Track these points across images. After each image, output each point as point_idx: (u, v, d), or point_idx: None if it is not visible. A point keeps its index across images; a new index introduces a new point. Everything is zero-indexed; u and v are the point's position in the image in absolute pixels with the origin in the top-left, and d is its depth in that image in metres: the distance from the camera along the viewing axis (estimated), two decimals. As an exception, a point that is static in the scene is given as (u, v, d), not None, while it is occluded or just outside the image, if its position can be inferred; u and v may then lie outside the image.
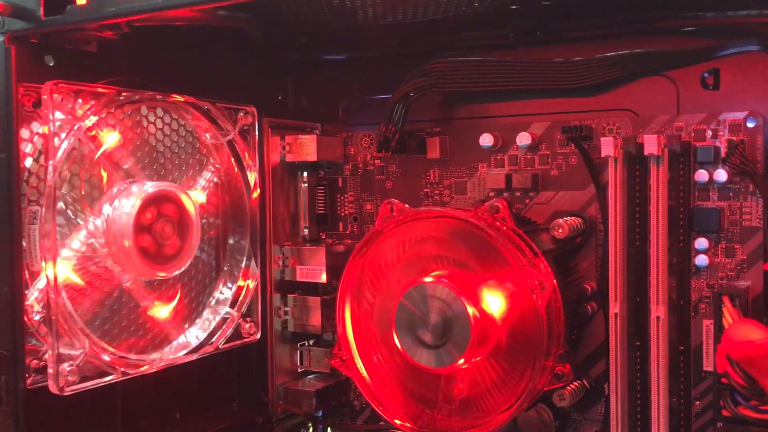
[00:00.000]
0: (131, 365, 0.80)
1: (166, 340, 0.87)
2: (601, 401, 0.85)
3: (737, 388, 0.70)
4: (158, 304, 0.86)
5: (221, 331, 0.90)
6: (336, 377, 1.02)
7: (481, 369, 0.78)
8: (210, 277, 0.91)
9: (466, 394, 0.79)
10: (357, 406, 1.02)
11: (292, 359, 1.02)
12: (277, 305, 0.99)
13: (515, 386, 0.75)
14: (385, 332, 0.81)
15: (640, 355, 0.81)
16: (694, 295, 0.79)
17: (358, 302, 0.84)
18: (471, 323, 0.73)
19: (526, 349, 0.74)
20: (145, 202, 0.80)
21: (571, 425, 0.87)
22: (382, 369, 0.83)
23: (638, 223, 0.80)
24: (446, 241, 0.77)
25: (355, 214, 1.01)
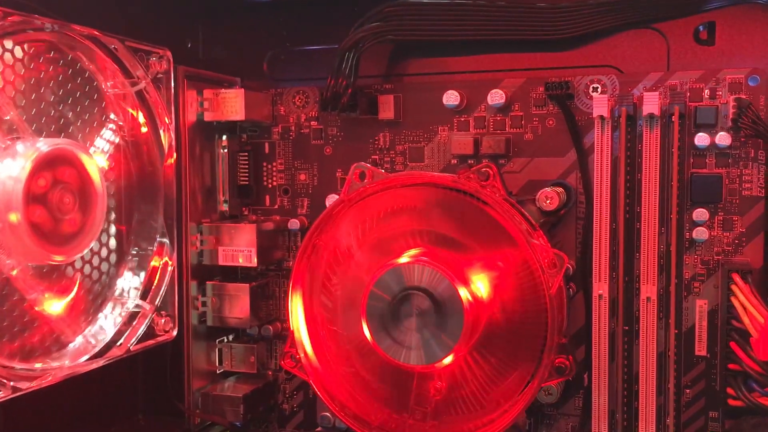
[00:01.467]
0: (21, 377, 0.61)
1: (57, 343, 0.68)
2: (578, 394, 0.76)
3: (755, 376, 0.63)
4: (50, 297, 0.67)
5: (131, 330, 0.73)
6: (263, 379, 0.86)
7: (464, 364, 0.66)
8: (114, 260, 0.73)
9: (444, 395, 0.67)
10: (287, 410, 0.87)
11: (209, 359, 0.86)
12: (194, 295, 0.82)
13: (509, 384, 0.64)
14: (349, 325, 0.67)
15: (627, 341, 0.73)
16: (687, 272, 0.72)
17: (313, 291, 0.69)
18: (464, 310, 0.61)
19: (526, 340, 0.63)
20: (37, 164, 0.61)
21: (545, 421, 0.77)
22: (342, 369, 0.69)
23: (627, 193, 0.71)
24: (427, 214, 0.65)
25: (285, 185, 0.86)
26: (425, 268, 0.62)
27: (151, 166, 0.76)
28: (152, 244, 0.74)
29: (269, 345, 0.87)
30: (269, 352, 0.87)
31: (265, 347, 0.87)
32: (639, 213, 0.71)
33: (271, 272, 0.86)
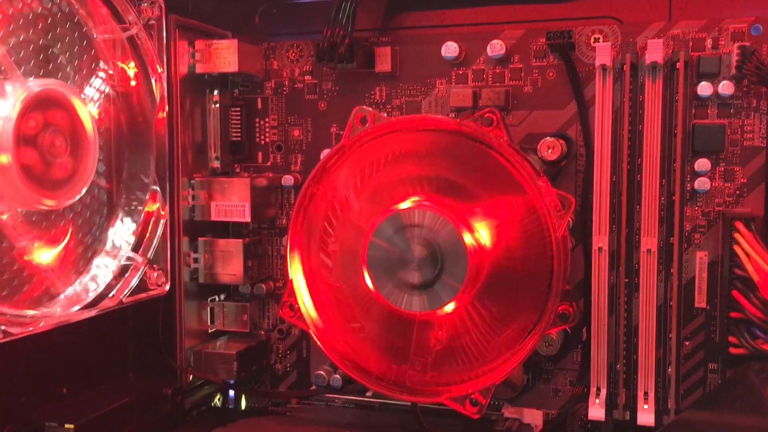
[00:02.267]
0: (12, 323, 0.59)
1: (47, 294, 0.66)
2: (577, 348, 0.76)
3: (758, 323, 0.63)
4: (40, 247, 0.65)
5: (123, 282, 0.70)
6: (255, 338, 0.85)
7: (465, 314, 0.65)
8: (105, 211, 0.71)
9: (444, 344, 0.66)
10: (279, 370, 0.86)
11: (201, 318, 0.84)
12: (186, 251, 0.80)
13: (511, 334, 0.63)
14: (349, 277, 0.66)
15: (627, 293, 0.72)
16: (688, 224, 0.71)
17: (311, 243, 0.68)
18: (468, 254, 0.60)
19: (530, 288, 0.62)
20: (27, 104, 0.59)
21: (543, 376, 0.77)
22: (342, 322, 0.68)
23: (628, 143, 0.71)
24: (430, 159, 0.63)
25: (278, 141, 0.84)
26: (427, 212, 0.60)
27: (142, 117, 0.74)
28: (145, 194, 0.72)
29: (262, 304, 0.86)
30: (262, 311, 0.86)
31: (258, 306, 0.86)
32: (640, 164, 0.71)
33: (264, 230, 0.85)
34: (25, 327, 0.59)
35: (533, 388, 0.77)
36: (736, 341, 0.65)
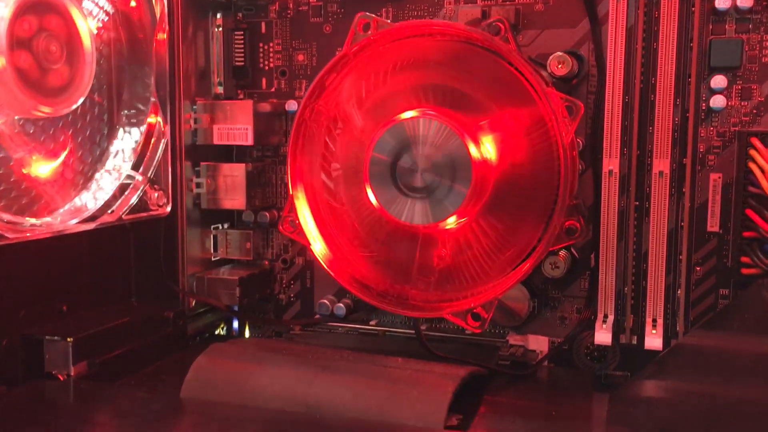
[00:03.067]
0: (8, 228, 0.58)
1: (46, 208, 0.65)
2: (584, 275, 0.74)
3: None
4: (38, 160, 0.64)
5: (123, 199, 0.70)
6: (258, 266, 0.84)
7: (468, 231, 0.63)
8: (105, 129, 0.70)
9: (447, 262, 0.64)
10: (283, 300, 0.85)
11: (204, 245, 0.83)
12: (188, 176, 0.79)
13: (516, 251, 0.62)
14: (351, 194, 0.64)
15: (637, 217, 0.70)
16: (702, 145, 0.69)
17: (312, 161, 0.66)
18: (472, 164, 0.58)
19: (535, 204, 0.60)
20: (20, 6, 0.57)
21: (550, 304, 0.76)
22: (344, 236, 0.66)
23: (642, 62, 0.68)
24: (435, 67, 0.61)
25: (282, 66, 0.82)
26: (432, 121, 0.59)
27: (143, 34, 0.72)
28: (145, 107, 0.70)
29: (265, 234, 0.85)
30: (265, 241, 0.85)
31: (261, 236, 0.85)
32: (653, 84, 0.68)
33: (268, 158, 0.83)
34: (22, 233, 0.58)
35: (539, 316, 0.75)
36: (749, 261, 0.63)
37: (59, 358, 0.63)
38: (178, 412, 0.56)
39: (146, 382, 0.65)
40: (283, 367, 0.58)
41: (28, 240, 0.64)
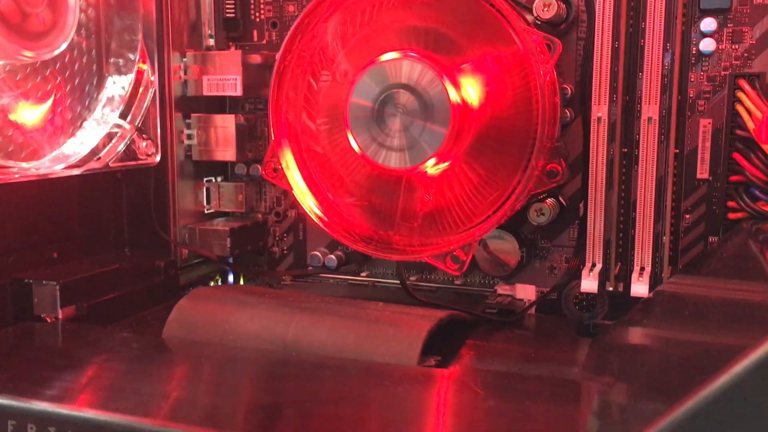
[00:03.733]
0: (-10, 171, 0.59)
1: (34, 155, 0.66)
2: (573, 225, 0.74)
3: (758, 184, 0.60)
4: (24, 106, 0.64)
5: (111, 147, 0.70)
6: (251, 218, 0.85)
7: (451, 176, 0.63)
8: (93, 77, 0.70)
9: (430, 207, 0.64)
10: (276, 253, 0.85)
11: (197, 198, 0.84)
12: (179, 128, 0.80)
13: (498, 196, 0.61)
14: (334, 132, 0.64)
15: (625, 164, 0.69)
16: (692, 90, 0.68)
17: (296, 102, 0.66)
18: (451, 108, 0.57)
19: (517, 147, 0.60)
20: (0, -51, 0.57)
21: (539, 254, 0.75)
22: (328, 182, 0.66)
23: (631, 5, 0.67)
24: (420, 9, 0.61)
25: (273, 18, 0.82)
26: (413, 64, 0.58)
27: (130, -16, 0.72)
28: (134, 54, 0.71)
29: (258, 187, 0.85)
30: (258, 194, 0.85)
31: (254, 189, 0.85)
32: (643, 29, 0.67)
33: (260, 110, 0.84)
34: (10, 176, 0.59)
35: (528, 266, 0.75)
36: (735, 205, 0.62)
37: (47, 302, 0.65)
38: (158, 351, 0.57)
39: (133, 326, 0.66)
40: (263, 308, 0.59)
41: (17, 186, 0.65)
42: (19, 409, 0.45)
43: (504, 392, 0.48)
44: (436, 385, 0.49)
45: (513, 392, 0.48)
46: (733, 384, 0.31)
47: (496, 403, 0.46)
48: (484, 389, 0.48)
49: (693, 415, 0.32)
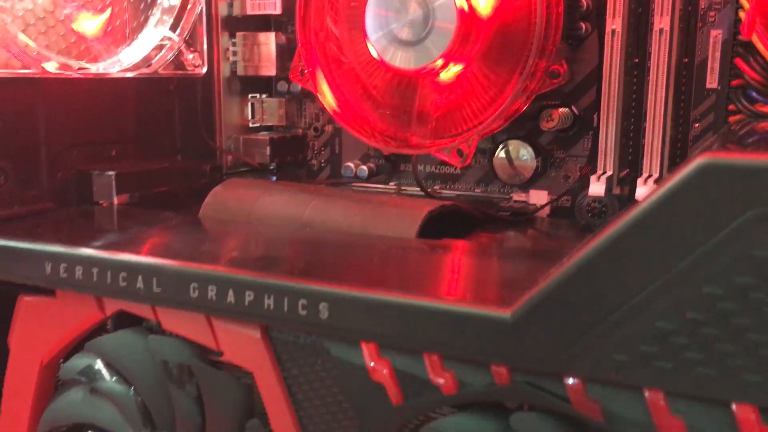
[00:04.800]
0: (62, 67, 0.67)
1: (94, 61, 0.74)
2: (588, 135, 0.77)
3: (756, 86, 0.63)
4: (85, 15, 0.73)
5: (160, 56, 0.78)
6: (292, 131, 0.92)
7: (462, 80, 0.68)
8: None
9: (444, 110, 0.69)
10: (315, 165, 0.92)
11: (242, 113, 0.91)
12: (225, 46, 0.87)
13: (504, 98, 0.66)
14: (355, 38, 0.70)
15: (637, 75, 0.72)
16: (703, 2, 0.70)
17: (321, 9, 0.72)
18: (456, 13, 0.62)
19: (518, 45, 0.64)
20: None
21: (554, 164, 0.79)
22: (351, 85, 0.72)
23: None
24: None
25: (313, -57, 0.88)
26: (423, -30, 0.63)
27: None
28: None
29: (299, 103, 0.92)
30: (299, 111, 0.92)
31: (295, 105, 0.92)
32: (654, -68, 0.69)
33: (301, 31, 0.90)
34: (73, 71, 0.68)
35: (544, 176, 0.79)
36: (734, 108, 0.65)
37: (105, 190, 0.73)
38: (193, 225, 0.65)
39: (176, 210, 0.74)
40: (285, 194, 0.66)
41: (81, 87, 0.74)
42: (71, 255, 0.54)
43: (487, 254, 0.54)
44: (429, 249, 0.56)
45: (496, 254, 0.54)
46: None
47: (477, 260, 0.52)
48: (467, 253, 0.54)
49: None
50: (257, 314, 0.47)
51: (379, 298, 0.44)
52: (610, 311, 0.38)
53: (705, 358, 0.36)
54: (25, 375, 0.59)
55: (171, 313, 0.52)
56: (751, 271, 0.35)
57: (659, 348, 0.37)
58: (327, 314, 0.45)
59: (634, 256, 0.37)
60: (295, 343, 0.48)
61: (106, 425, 0.56)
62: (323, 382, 0.48)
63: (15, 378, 0.59)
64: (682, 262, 0.36)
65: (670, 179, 0.36)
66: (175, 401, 0.53)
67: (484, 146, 0.81)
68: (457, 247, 0.57)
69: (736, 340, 0.36)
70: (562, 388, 0.40)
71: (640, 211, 0.37)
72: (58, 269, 0.54)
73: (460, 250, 0.56)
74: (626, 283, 0.37)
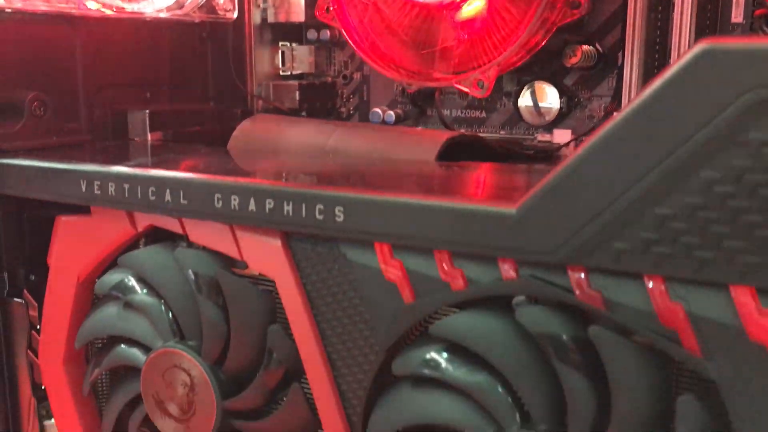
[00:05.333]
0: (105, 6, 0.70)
1: (128, 1, 0.77)
2: (612, 74, 0.78)
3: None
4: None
5: (192, 1, 0.81)
6: (322, 78, 0.94)
7: (485, 15, 0.69)
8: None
9: (466, 46, 0.71)
10: (344, 113, 0.94)
11: (273, 61, 0.93)
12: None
13: (522, 24, 0.67)
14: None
15: (661, 11, 0.72)
16: (729, -66, 0.70)
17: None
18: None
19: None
20: None
21: (578, 105, 0.80)
22: (375, 22, 0.74)
23: None
24: None
25: None
26: None
27: None
28: None
29: (328, 51, 0.94)
30: (328, 59, 0.94)
31: (324, 53, 0.94)
32: None
33: (331, -20, 0.91)
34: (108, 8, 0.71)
35: (569, 116, 0.80)
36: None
37: (139, 127, 0.76)
38: (221, 154, 0.67)
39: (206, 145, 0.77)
40: (310, 125, 0.68)
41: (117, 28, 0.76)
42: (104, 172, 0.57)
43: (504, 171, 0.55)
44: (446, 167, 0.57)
45: (512, 172, 0.55)
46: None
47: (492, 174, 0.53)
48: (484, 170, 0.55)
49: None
50: (277, 221, 0.50)
51: (391, 199, 0.46)
52: (611, 201, 0.39)
53: (703, 241, 0.37)
54: (64, 292, 0.62)
55: (197, 226, 0.55)
56: (747, 154, 0.36)
57: (658, 234, 0.38)
58: (342, 217, 0.47)
59: (634, 145, 0.38)
60: (313, 249, 0.50)
61: (139, 337, 0.59)
62: (340, 287, 0.50)
63: (54, 295, 0.63)
64: (681, 148, 0.37)
65: (671, 67, 0.37)
66: (202, 311, 0.55)
67: (509, 89, 0.82)
68: (475, 166, 0.58)
69: (734, 222, 0.36)
70: (566, 280, 0.42)
71: (641, 100, 0.38)
72: (93, 186, 0.57)
73: (477, 168, 0.57)
74: (625, 171, 0.38)
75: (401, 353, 0.48)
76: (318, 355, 0.51)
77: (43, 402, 0.68)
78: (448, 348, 0.46)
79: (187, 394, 0.56)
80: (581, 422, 0.42)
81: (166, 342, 0.57)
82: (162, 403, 0.58)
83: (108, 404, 0.64)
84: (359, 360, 0.50)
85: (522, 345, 0.44)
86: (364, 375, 0.50)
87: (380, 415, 0.50)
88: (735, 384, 0.38)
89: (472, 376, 0.45)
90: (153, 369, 0.57)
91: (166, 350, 0.57)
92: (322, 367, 0.51)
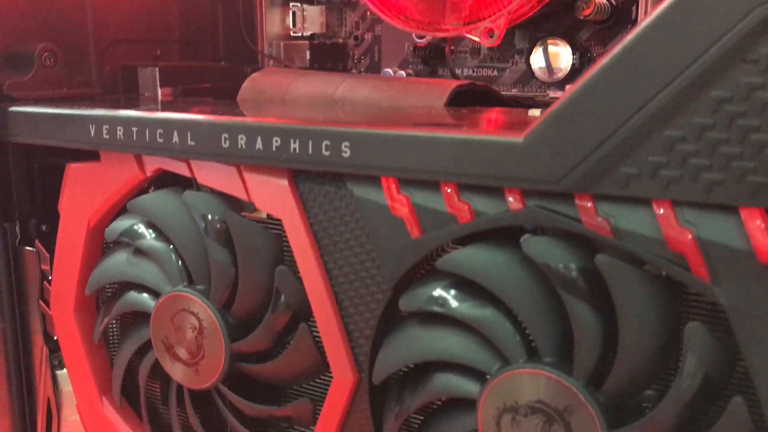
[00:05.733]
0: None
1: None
2: (626, 29, 0.77)
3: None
4: None
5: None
6: (333, 39, 0.93)
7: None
8: None
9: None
10: (355, 74, 0.94)
11: (284, 22, 0.93)
12: (267, -49, 0.89)
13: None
14: None
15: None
16: None
17: None
18: None
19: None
20: None
21: (591, 62, 0.79)
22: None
23: None
24: None
25: None
26: None
27: None
28: None
29: (339, 13, 0.93)
30: (339, 20, 0.93)
31: (336, 15, 0.93)
32: None
33: (342, -60, 0.91)
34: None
35: (581, 73, 0.79)
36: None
37: (149, 82, 0.77)
38: (233, 105, 0.67)
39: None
40: (318, 77, 0.68)
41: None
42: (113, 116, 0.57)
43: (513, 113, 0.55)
44: (455, 111, 0.57)
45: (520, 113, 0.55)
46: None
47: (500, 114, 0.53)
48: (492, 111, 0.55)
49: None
50: (284, 159, 0.49)
51: (397, 133, 0.45)
52: (619, 125, 0.39)
53: (712, 163, 0.37)
54: (74, 239, 0.62)
55: (205, 168, 0.55)
56: (758, 71, 0.35)
57: (667, 157, 0.38)
58: (349, 153, 0.47)
59: (640, 66, 0.38)
60: (320, 188, 0.50)
61: (148, 283, 0.59)
62: (347, 225, 0.50)
63: (65, 242, 0.63)
64: (690, 68, 0.36)
65: (678, -12, 0.37)
66: (211, 254, 0.55)
67: (520, 46, 0.81)
68: (483, 110, 0.58)
69: (742, 142, 0.36)
70: (574, 209, 0.41)
71: (647, 23, 0.37)
72: (101, 131, 0.57)
73: (485, 111, 0.57)
74: (633, 94, 0.38)
75: (408, 290, 0.48)
76: (325, 294, 0.51)
77: (55, 352, 0.69)
78: (455, 284, 0.46)
79: (196, 338, 0.57)
80: (588, 354, 0.42)
81: (175, 287, 0.57)
82: (171, 348, 0.58)
83: (118, 352, 0.64)
84: (366, 299, 0.50)
85: (529, 277, 0.44)
86: (371, 314, 0.50)
87: (387, 353, 0.50)
88: (744, 308, 0.38)
89: (478, 310, 0.45)
90: (162, 313, 0.58)
91: (175, 294, 0.57)
92: (329, 307, 0.51)
